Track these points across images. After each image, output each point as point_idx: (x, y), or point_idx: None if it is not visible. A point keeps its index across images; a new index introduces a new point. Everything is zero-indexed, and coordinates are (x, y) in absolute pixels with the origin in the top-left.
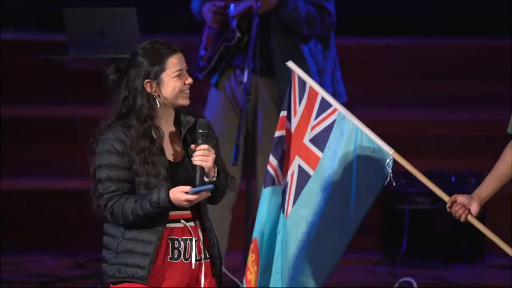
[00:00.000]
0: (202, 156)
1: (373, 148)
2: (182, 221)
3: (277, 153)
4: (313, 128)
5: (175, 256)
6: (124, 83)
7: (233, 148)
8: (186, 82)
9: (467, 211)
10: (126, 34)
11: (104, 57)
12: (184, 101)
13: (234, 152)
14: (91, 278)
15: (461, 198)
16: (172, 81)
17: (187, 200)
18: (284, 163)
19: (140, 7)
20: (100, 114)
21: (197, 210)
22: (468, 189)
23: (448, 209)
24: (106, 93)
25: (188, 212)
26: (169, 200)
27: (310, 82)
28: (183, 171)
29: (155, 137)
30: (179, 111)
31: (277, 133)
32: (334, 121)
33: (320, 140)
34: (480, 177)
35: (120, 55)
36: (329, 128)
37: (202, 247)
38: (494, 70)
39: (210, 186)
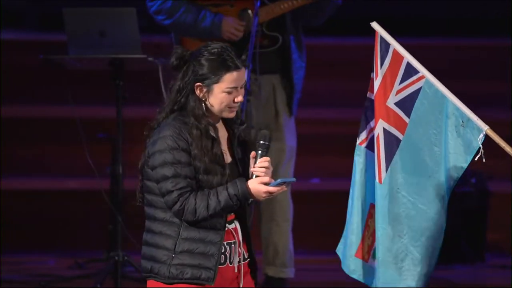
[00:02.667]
0: (265, 169)
1: (462, 122)
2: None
3: (368, 115)
4: (398, 92)
5: (222, 261)
6: (182, 73)
7: None
8: (236, 100)
9: None
10: (126, 34)
11: (104, 57)
12: (229, 115)
13: None
14: (91, 278)
15: None
16: (221, 95)
17: (268, 192)
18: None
19: (140, 7)
20: (100, 114)
21: (239, 211)
22: (468, 189)
23: None
24: (106, 93)
25: (231, 213)
26: (249, 192)
27: (395, 44)
28: (234, 172)
29: (214, 136)
30: None
31: (369, 94)
32: (420, 88)
33: (406, 105)
34: (480, 177)
35: (120, 55)
36: (415, 94)
37: (241, 249)
38: (494, 70)
39: (293, 179)
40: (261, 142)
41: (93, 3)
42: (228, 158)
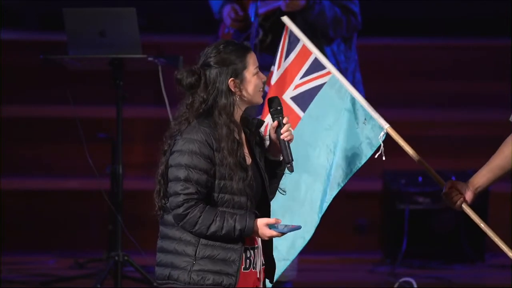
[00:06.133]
0: (290, 131)
1: (365, 119)
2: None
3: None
4: (297, 86)
5: (247, 266)
6: (202, 85)
7: None
8: (263, 79)
9: (462, 198)
10: (126, 34)
11: (104, 57)
12: (261, 99)
13: None
14: (91, 278)
15: (457, 185)
16: (253, 79)
17: (271, 236)
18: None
19: (140, 7)
20: (100, 114)
21: (261, 215)
22: None
23: (443, 195)
24: (106, 93)
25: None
26: (255, 231)
27: (305, 40)
28: (255, 172)
29: (238, 138)
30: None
31: (266, 88)
32: (324, 84)
33: (303, 100)
34: None
35: (120, 55)
36: (316, 89)
37: (261, 253)
38: (494, 70)
39: (299, 227)
40: (274, 109)
41: (93, 3)
42: (248, 160)
